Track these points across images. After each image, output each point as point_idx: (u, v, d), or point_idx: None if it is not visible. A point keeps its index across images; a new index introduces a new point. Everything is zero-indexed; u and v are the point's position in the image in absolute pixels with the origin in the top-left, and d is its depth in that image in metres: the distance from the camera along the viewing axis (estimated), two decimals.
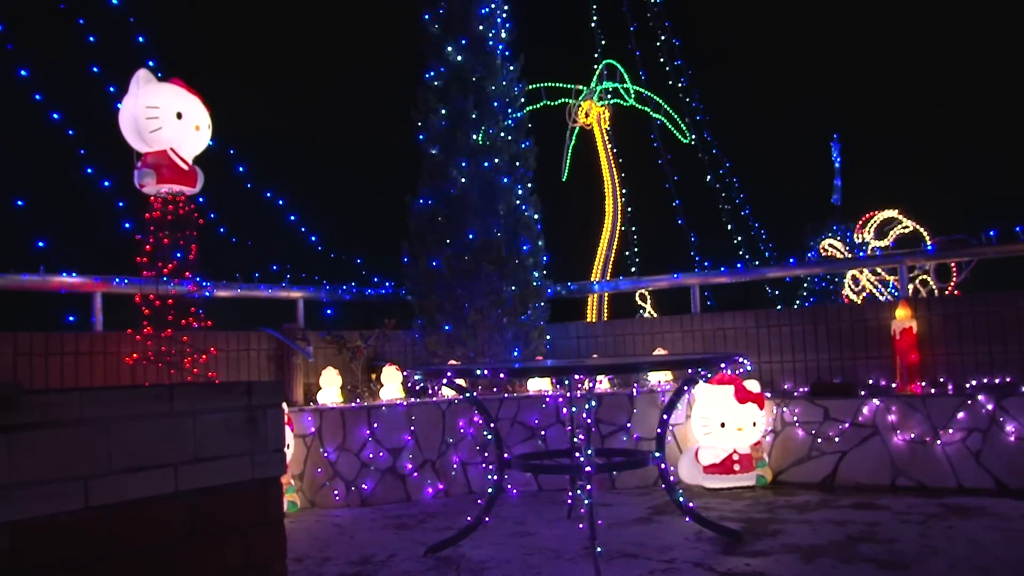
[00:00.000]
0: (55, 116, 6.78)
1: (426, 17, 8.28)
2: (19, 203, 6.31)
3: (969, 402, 6.15)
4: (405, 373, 6.27)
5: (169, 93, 6.01)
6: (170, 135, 5.97)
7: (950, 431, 6.17)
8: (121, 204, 6.61)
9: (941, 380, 6.85)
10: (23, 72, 6.67)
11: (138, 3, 7.28)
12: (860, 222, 16.77)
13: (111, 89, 6.62)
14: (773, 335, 7.65)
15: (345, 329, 7.72)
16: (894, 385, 6.92)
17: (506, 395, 7.14)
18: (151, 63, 6.46)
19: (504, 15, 8.54)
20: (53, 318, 6.46)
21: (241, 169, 7.70)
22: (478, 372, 4.65)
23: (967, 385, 6.69)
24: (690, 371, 5.18)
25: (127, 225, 6.35)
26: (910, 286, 11.71)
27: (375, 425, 6.63)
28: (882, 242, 16.00)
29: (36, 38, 7.11)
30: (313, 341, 7.28)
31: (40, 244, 6.21)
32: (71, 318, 6.37)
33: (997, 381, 6.69)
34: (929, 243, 14.87)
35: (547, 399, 7.03)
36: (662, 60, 14.58)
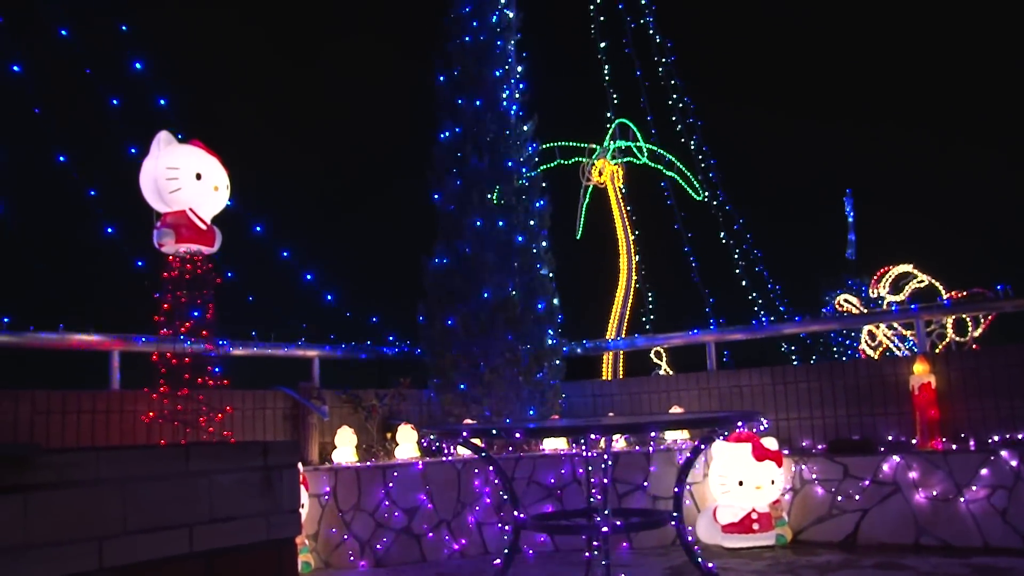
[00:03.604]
0: (76, 175, 6.89)
1: (441, 79, 8.42)
2: (39, 262, 6.39)
3: (992, 458, 6.06)
4: (420, 433, 6.25)
5: (189, 154, 6.10)
6: (189, 195, 6.05)
7: (974, 488, 6.07)
8: (140, 263, 6.68)
9: (962, 436, 6.76)
10: (48, 133, 6.80)
11: (160, 67, 7.44)
12: (875, 277, 16.72)
13: (132, 150, 6.74)
14: (790, 392, 7.59)
15: (360, 388, 7.71)
16: (914, 441, 6.83)
17: (522, 454, 7.08)
18: (172, 125, 6.57)
19: (518, 76, 8.67)
20: (71, 375, 6.49)
21: (258, 229, 7.78)
22: (494, 432, 4.62)
23: (989, 441, 6.60)
24: (707, 429, 5.14)
25: (145, 284, 6.41)
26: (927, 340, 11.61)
27: (390, 485, 6.59)
28: (897, 296, 15.93)
29: (62, 101, 7.27)
30: (328, 400, 7.27)
31: (60, 302, 6.28)
32: (88, 376, 6.40)
33: (1021, 436, 6.59)
34: (945, 297, 14.80)
35: (563, 458, 6.98)
36: (674, 119, 14.71)
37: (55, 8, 7.17)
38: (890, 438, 7.06)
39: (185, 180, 6.02)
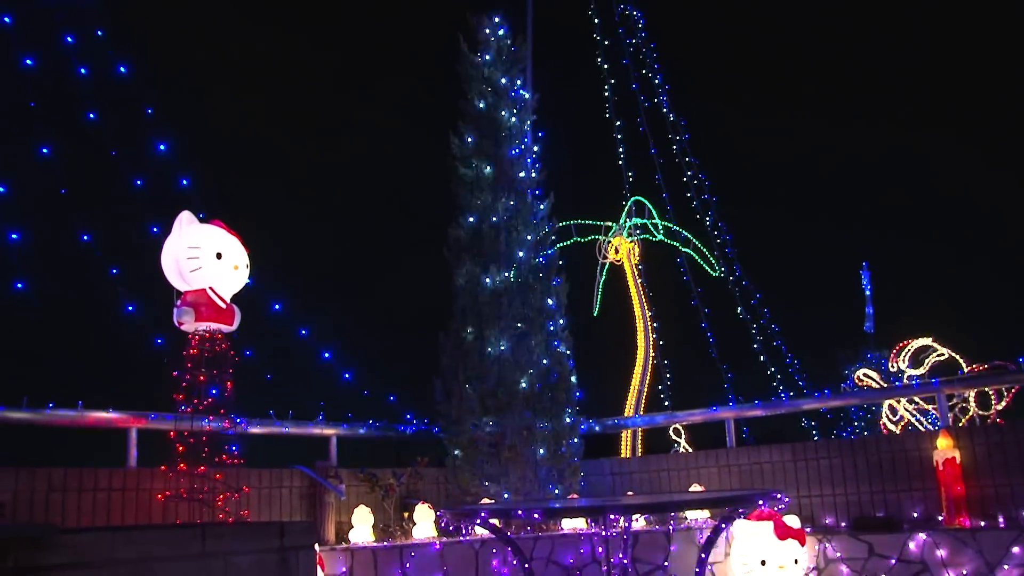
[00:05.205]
0: (99, 254, 6.99)
1: (458, 158, 8.55)
2: (60, 339, 6.44)
3: None
4: (438, 513, 6.18)
5: (210, 234, 6.19)
6: (209, 274, 6.11)
7: (1006, 567, 5.93)
8: (160, 341, 6.73)
9: (990, 513, 6.62)
10: (73, 214, 6.93)
11: (183, 148, 7.61)
12: (894, 351, 16.58)
13: (155, 230, 6.84)
14: (811, 468, 7.48)
15: (378, 466, 7.66)
16: (940, 518, 6.70)
17: (540, 534, 6.99)
18: (194, 205, 6.68)
19: (534, 155, 8.79)
20: (88, 452, 6.49)
21: (277, 307, 7.84)
22: (512, 513, 4.58)
23: (1020, 517, 6.46)
24: (727, 508, 5.07)
25: (165, 362, 6.44)
26: (949, 414, 11.43)
27: (407, 565, 6.49)
28: (918, 370, 15.76)
29: (87, 181, 7.42)
30: (345, 479, 7.22)
31: (78, 380, 6.31)
32: (105, 453, 6.40)
33: None
34: (966, 370, 14.62)
35: (582, 538, 6.88)
36: (689, 195, 14.83)
37: (83, 91, 7.37)
38: (915, 515, 6.92)
39: (206, 259, 6.09)
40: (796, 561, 6.38)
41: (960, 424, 13.11)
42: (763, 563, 6.35)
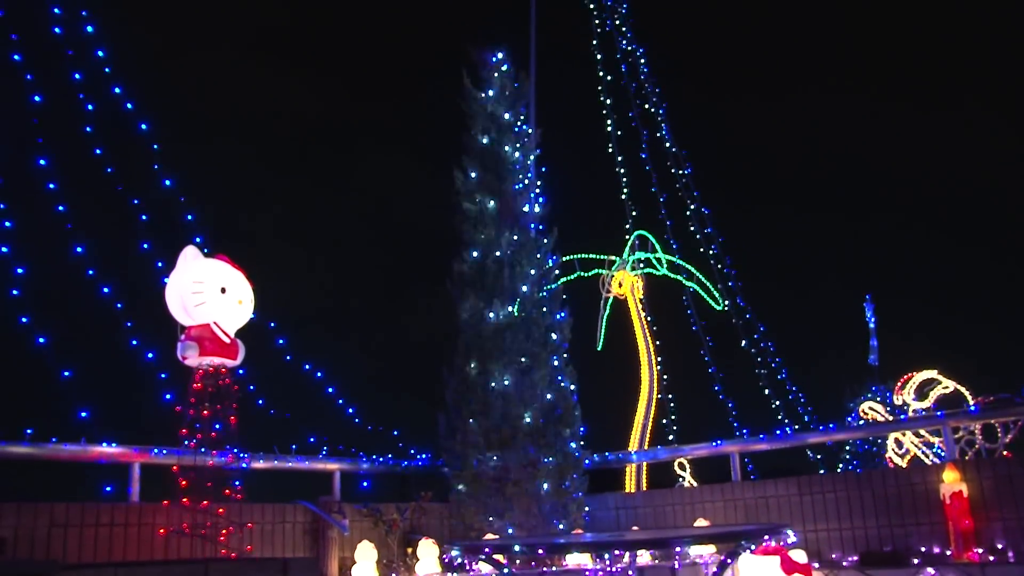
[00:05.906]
0: (105, 290, 7.02)
1: (461, 193, 8.58)
2: (63, 373, 6.44)
3: None
4: (442, 548, 6.14)
5: (214, 268, 6.22)
6: (214, 309, 6.14)
7: None
8: (163, 376, 6.74)
9: (999, 547, 6.56)
10: (79, 249, 6.96)
11: (189, 184, 7.66)
12: (899, 383, 16.51)
13: (159, 264, 6.88)
14: (817, 502, 7.43)
15: (382, 501, 7.62)
16: (949, 553, 6.64)
17: (545, 569, 6.94)
18: (198, 239, 6.72)
19: (537, 191, 8.83)
20: (91, 486, 6.47)
21: (281, 342, 7.85)
22: (516, 547, 4.55)
23: None
24: (733, 543, 5.03)
25: (168, 396, 6.45)
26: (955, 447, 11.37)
27: None
28: (923, 403, 15.70)
29: (93, 215, 7.46)
30: (349, 514, 7.18)
31: (82, 414, 6.31)
32: (108, 488, 6.38)
33: None
34: (972, 403, 14.54)
35: (587, 574, 6.83)
36: (692, 228, 14.85)
37: (90, 126, 7.44)
38: (923, 549, 6.86)
39: (210, 294, 6.12)
40: None
41: (966, 457, 13.05)
42: None
